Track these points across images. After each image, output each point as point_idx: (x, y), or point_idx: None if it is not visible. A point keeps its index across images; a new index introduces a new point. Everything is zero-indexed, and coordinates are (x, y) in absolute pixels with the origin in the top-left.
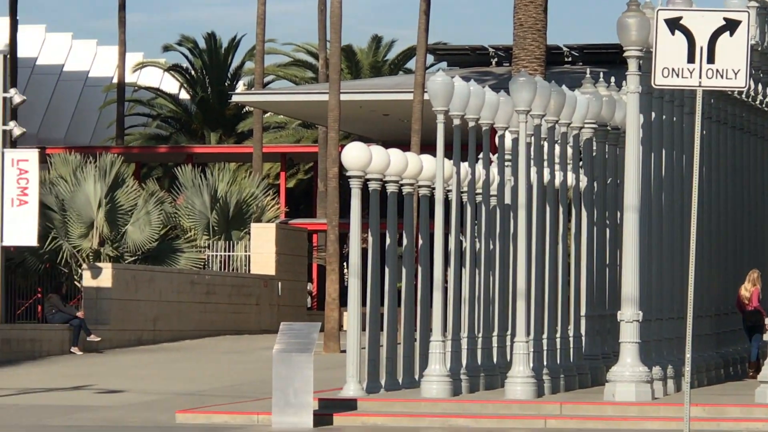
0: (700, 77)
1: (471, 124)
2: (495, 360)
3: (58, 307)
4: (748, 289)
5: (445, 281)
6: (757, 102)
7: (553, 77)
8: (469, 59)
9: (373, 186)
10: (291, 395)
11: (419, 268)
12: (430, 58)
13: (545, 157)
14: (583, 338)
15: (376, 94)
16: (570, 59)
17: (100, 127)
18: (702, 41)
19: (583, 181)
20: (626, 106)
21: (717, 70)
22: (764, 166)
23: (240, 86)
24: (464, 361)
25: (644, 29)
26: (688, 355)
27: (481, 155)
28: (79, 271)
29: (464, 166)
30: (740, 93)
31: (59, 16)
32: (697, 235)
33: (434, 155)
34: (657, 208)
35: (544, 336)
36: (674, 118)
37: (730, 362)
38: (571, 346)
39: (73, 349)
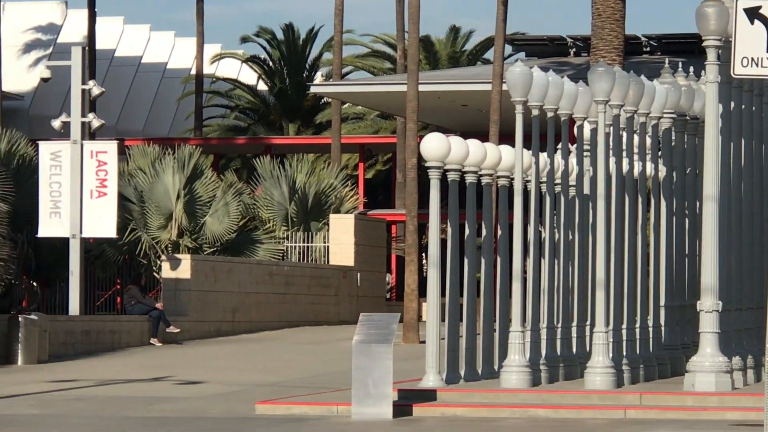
0: None
1: (549, 114)
2: (574, 350)
3: (137, 299)
4: None
5: (525, 272)
6: None
7: (632, 67)
8: (547, 49)
9: (452, 176)
10: (370, 386)
11: (498, 259)
12: (508, 49)
13: (624, 147)
14: (663, 328)
15: (455, 85)
16: (648, 49)
17: (178, 118)
18: None
19: (662, 171)
20: (705, 96)
21: None
22: None
23: (318, 77)
24: (543, 352)
25: (723, 19)
26: None
27: (559, 145)
28: (158, 262)
29: (543, 156)
30: None
31: (137, 8)
32: None
33: (513, 146)
34: (736, 197)
35: (624, 326)
36: (753, 108)
37: None
38: (651, 336)
39: (153, 341)
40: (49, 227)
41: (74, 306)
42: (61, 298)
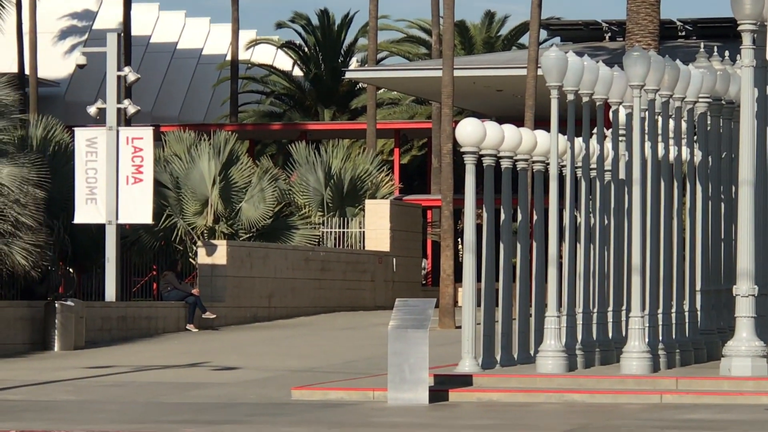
0: None
1: (585, 99)
2: (610, 335)
3: (173, 285)
4: None
5: (560, 256)
6: None
7: (667, 52)
8: (582, 34)
9: (487, 162)
10: (406, 371)
11: (534, 244)
12: (543, 34)
13: (659, 131)
14: (699, 313)
15: (490, 70)
16: (683, 33)
17: (213, 104)
18: None
19: (698, 156)
20: (740, 80)
21: None
22: None
23: (353, 63)
24: (579, 337)
25: (758, 3)
26: None
27: (595, 130)
28: (194, 248)
29: (578, 141)
30: None
31: None
32: None
33: (548, 131)
34: None
35: (660, 311)
36: None
37: None
38: (687, 320)
39: (189, 327)
40: (85, 213)
41: (110, 292)
42: (97, 284)
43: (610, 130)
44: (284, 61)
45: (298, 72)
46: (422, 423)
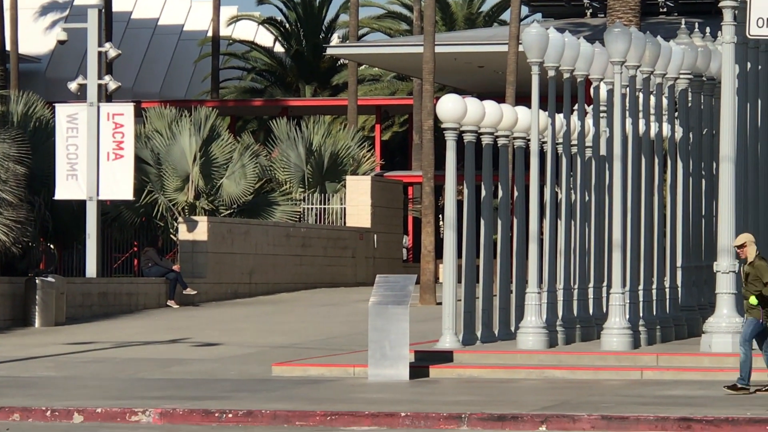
0: None
1: (566, 75)
2: (591, 311)
3: (154, 261)
4: None
5: (541, 233)
6: None
7: (648, 28)
8: (563, 10)
9: (468, 138)
10: (387, 348)
11: (515, 220)
12: (525, 10)
13: (640, 108)
14: (679, 289)
15: (471, 46)
16: (665, 10)
17: (194, 80)
18: None
19: (679, 132)
20: (721, 57)
21: None
22: None
23: (334, 39)
24: (560, 313)
25: None
26: None
27: (576, 107)
28: (175, 224)
29: (559, 117)
30: None
31: None
32: None
33: (529, 107)
34: (752, 158)
35: (640, 287)
36: None
37: None
38: (667, 297)
39: (170, 303)
40: (66, 190)
41: (91, 268)
42: (78, 260)
43: (591, 106)
44: (265, 38)
45: (279, 48)
46: (402, 399)
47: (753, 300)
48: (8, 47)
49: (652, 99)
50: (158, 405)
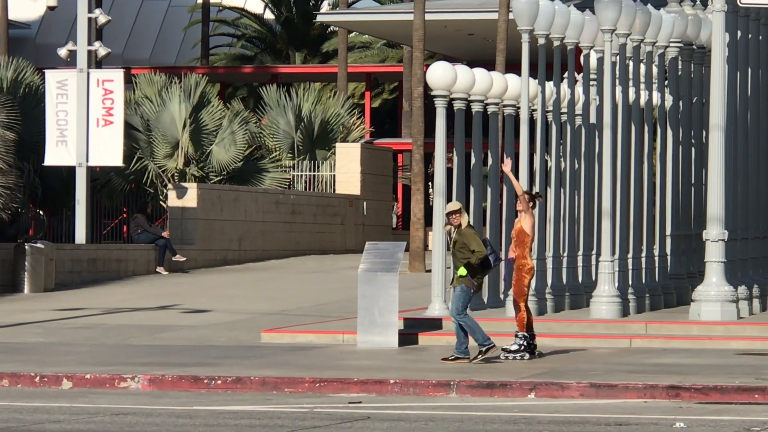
0: None
1: (556, 43)
2: (580, 279)
3: (143, 227)
4: None
5: None
6: None
7: None
8: None
9: (458, 105)
10: (376, 315)
11: (504, 188)
12: None
13: (630, 76)
14: (669, 257)
15: (461, 14)
16: None
17: (184, 47)
18: None
19: (669, 101)
20: (712, 25)
21: None
22: None
23: (325, 6)
24: (549, 281)
25: None
26: None
27: (566, 74)
28: (165, 191)
29: (549, 85)
30: None
31: None
32: None
33: (519, 74)
34: (742, 126)
35: (629, 255)
36: (760, 37)
37: None
38: (657, 265)
39: (159, 269)
40: (55, 156)
41: (80, 234)
42: (67, 226)
43: (581, 74)
44: (255, 4)
45: (269, 15)
46: (391, 366)
47: (462, 271)
48: None
49: (642, 67)
50: (147, 371)
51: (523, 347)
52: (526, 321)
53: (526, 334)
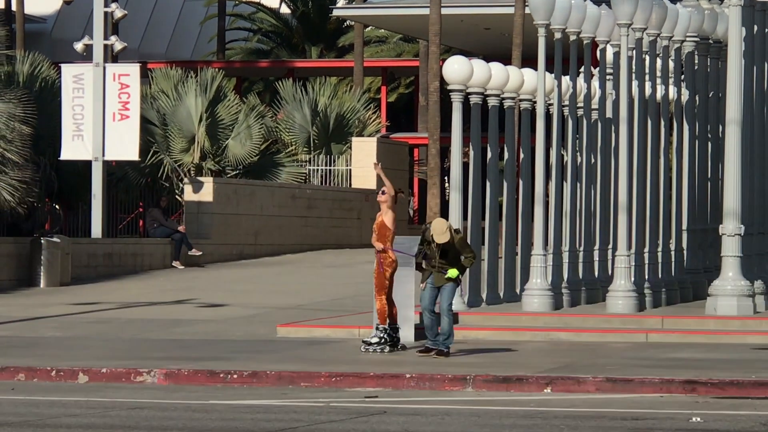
0: None
1: (572, 37)
2: (596, 274)
3: (159, 222)
4: None
5: (547, 195)
6: None
7: None
8: None
9: (474, 100)
10: None
11: (520, 183)
12: None
13: (647, 70)
14: (685, 252)
15: (478, 8)
16: None
17: (201, 41)
18: None
19: (685, 95)
20: (728, 19)
21: None
22: None
23: (341, 0)
24: (565, 275)
25: None
26: None
27: (582, 69)
28: (181, 185)
29: (565, 79)
30: None
31: None
32: None
33: (535, 69)
34: (759, 121)
35: (646, 250)
36: None
37: None
38: (673, 260)
39: (175, 264)
40: (71, 150)
41: (96, 229)
42: (83, 221)
43: (598, 68)
44: None
45: (285, 9)
46: (407, 361)
47: (453, 273)
48: (14, 7)
49: (659, 61)
50: (163, 365)
51: (383, 340)
52: (387, 313)
53: (386, 327)
